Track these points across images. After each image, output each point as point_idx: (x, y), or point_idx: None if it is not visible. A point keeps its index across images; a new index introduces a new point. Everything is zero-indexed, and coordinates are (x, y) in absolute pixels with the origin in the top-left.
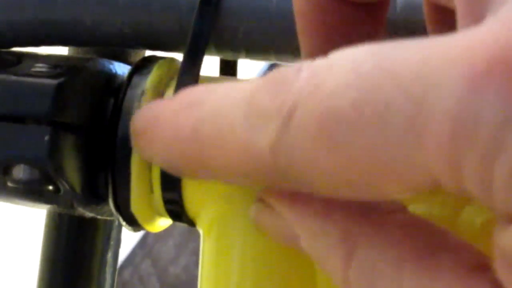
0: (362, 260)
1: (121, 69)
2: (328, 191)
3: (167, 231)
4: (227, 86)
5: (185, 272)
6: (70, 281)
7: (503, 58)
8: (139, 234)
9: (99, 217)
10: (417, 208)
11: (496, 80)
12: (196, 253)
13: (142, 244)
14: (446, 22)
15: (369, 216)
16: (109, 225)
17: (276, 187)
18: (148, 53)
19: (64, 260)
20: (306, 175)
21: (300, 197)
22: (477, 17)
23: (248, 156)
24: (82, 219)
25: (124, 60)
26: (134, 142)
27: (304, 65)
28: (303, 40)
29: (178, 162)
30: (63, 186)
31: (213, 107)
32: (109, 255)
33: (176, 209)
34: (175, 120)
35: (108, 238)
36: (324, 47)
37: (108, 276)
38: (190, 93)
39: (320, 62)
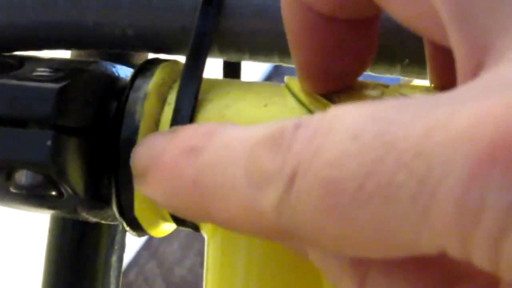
0: (375, 285)
1: (124, 71)
2: (332, 251)
3: (172, 232)
4: (227, 134)
5: (191, 273)
6: (74, 285)
7: (506, 142)
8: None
9: (102, 221)
10: None
11: (500, 165)
12: (201, 254)
13: (147, 245)
14: (445, 60)
15: None
16: (113, 229)
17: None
18: (151, 55)
19: (68, 264)
20: (310, 237)
21: None
22: (476, 61)
23: (251, 214)
24: (86, 223)
25: (127, 62)
26: (135, 180)
27: (303, 123)
28: (294, 54)
29: (181, 209)
30: (66, 191)
31: (213, 158)
32: (114, 258)
33: None
34: (175, 168)
35: (112, 242)
36: (316, 61)
37: (112, 280)
38: (190, 138)
39: (318, 123)
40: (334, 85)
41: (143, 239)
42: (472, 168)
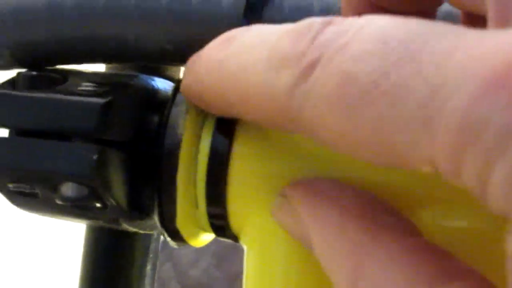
0: (369, 279)
1: (162, 84)
2: (329, 144)
3: None
4: (262, 28)
5: (205, 275)
6: None
7: None
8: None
9: (140, 231)
10: (456, 223)
11: (508, 87)
12: (216, 256)
13: (162, 247)
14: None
15: (382, 236)
16: (147, 238)
17: (295, 183)
18: None
19: (104, 273)
20: (314, 126)
21: (320, 201)
22: (507, 22)
23: (265, 94)
24: (121, 232)
25: (162, 75)
26: (181, 84)
27: (335, 20)
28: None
29: (205, 94)
30: (110, 203)
31: (243, 44)
32: (148, 267)
33: (220, 223)
34: (210, 55)
35: (147, 251)
36: None
37: None
38: (229, 32)
39: (351, 22)
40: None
41: None
42: (482, 86)
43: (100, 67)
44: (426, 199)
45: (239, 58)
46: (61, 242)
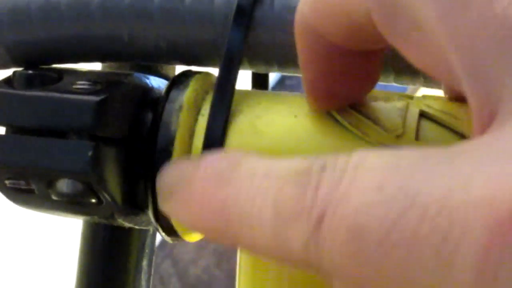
0: None
1: (156, 82)
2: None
3: None
4: (254, 166)
5: (205, 272)
6: None
7: None
8: (159, 235)
9: (136, 227)
10: None
11: None
12: (216, 254)
13: (162, 245)
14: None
15: None
16: (143, 233)
17: None
18: (182, 67)
19: (100, 268)
20: (335, 275)
21: None
22: (488, 112)
23: (278, 246)
24: (117, 228)
25: (156, 73)
26: (160, 200)
27: (327, 165)
28: (303, 73)
29: (204, 231)
30: (105, 198)
31: (242, 187)
32: (144, 262)
33: None
34: (205, 193)
35: (143, 246)
36: (322, 82)
37: (143, 283)
38: (218, 163)
39: (343, 166)
40: (340, 104)
41: (158, 239)
42: (492, 232)
43: (95, 66)
44: None
45: (242, 204)
46: (56, 239)
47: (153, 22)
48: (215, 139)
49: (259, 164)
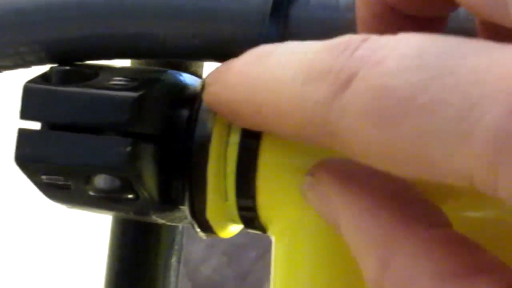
0: (399, 268)
1: (190, 79)
2: (364, 159)
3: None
4: (295, 44)
5: (216, 272)
6: (135, 286)
7: None
8: None
9: (168, 223)
10: (485, 214)
11: None
12: (226, 254)
13: None
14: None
15: (413, 226)
16: (172, 230)
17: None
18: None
19: (129, 265)
20: (349, 140)
21: (351, 184)
22: None
23: (301, 107)
24: (147, 225)
25: (186, 70)
26: (205, 92)
27: (371, 37)
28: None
29: (239, 107)
30: (142, 194)
31: (279, 59)
32: (173, 259)
33: (249, 215)
34: (242, 69)
35: (172, 243)
36: None
37: (173, 279)
38: (261, 47)
39: (387, 39)
40: None
41: None
42: None
43: (119, 63)
44: (454, 191)
45: (275, 72)
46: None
47: (189, 20)
48: (252, 135)
49: (303, 42)
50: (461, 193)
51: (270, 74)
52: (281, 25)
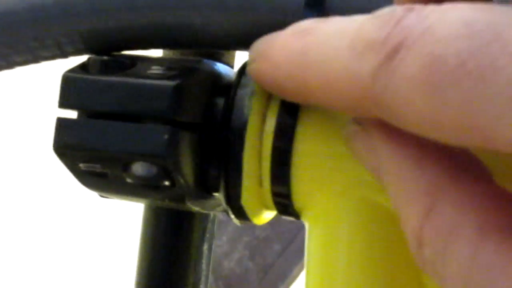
0: (441, 219)
1: (224, 69)
2: (413, 128)
3: (220, 226)
4: (339, 19)
5: (239, 265)
6: (168, 273)
7: None
8: None
9: (201, 211)
10: None
11: None
12: (249, 247)
13: None
14: None
15: (458, 177)
16: (204, 218)
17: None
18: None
19: (162, 253)
20: (398, 109)
21: (397, 133)
22: None
23: (349, 79)
24: (179, 213)
25: (218, 59)
26: (249, 66)
27: (416, 7)
28: None
29: (284, 82)
30: (179, 182)
31: (323, 34)
32: (205, 247)
33: (283, 202)
34: (287, 44)
35: (204, 231)
36: None
37: (204, 267)
38: (304, 22)
39: (433, 8)
40: None
41: None
42: None
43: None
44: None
45: (320, 46)
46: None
47: (227, 10)
48: (287, 123)
49: (346, 17)
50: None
51: (315, 48)
52: (317, 14)
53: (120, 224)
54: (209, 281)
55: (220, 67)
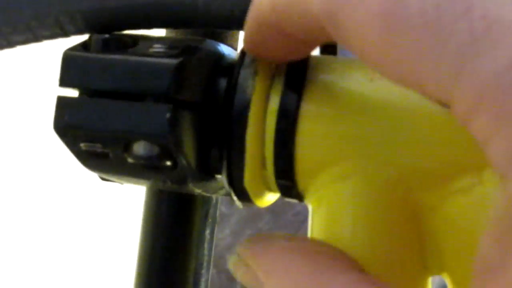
0: None
1: (227, 49)
2: (363, 55)
3: (223, 219)
4: None
5: None
6: (169, 257)
7: None
8: None
9: (203, 193)
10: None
11: None
12: None
13: None
14: None
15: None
16: (206, 203)
17: None
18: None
19: (163, 237)
20: (356, 39)
21: (271, 260)
22: None
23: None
24: (181, 197)
25: (221, 40)
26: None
27: None
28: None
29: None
30: (181, 162)
31: None
32: (207, 231)
33: (287, 183)
34: None
35: (206, 215)
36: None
37: (206, 252)
38: None
39: None
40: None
41: None
42: None
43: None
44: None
45: None
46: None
47: None
48: (291, 103)
49: None
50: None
51: None
52: None
53: (121, 219)
54: (212, 273)
55: (224, 47)
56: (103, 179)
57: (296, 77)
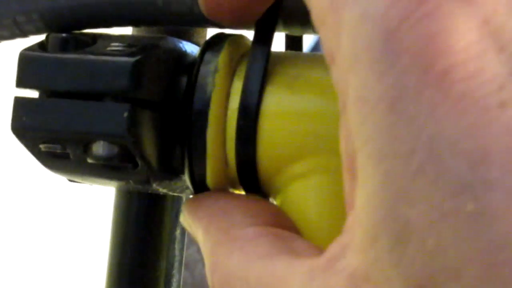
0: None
1: (189, 47)
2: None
3: None
4: None
5: None
6: (140, 258)
7: None
8: None
9: (170, 193)
10: None
11: None
12: None
13: (188, 232)
14: None
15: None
16: (177, 202)
17: None
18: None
19: (134, 237)
20: None
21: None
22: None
23: None
24: (151, 197)
25: (187, 38)
26: None
27: None
28: None
29: None
30: (141, 162)
31: None
32: (178, 231)
33: (250, 181)
34: None
35: (176, 215)
36: None
37: (177, 252)
38: None
39: None
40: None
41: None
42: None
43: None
44: None
45: None
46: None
47: None
48: (251, 100)
49: None
50: None
51: None
52: None
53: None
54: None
55: (186, 45)
56: (70, 180)
57: (257, 73)
